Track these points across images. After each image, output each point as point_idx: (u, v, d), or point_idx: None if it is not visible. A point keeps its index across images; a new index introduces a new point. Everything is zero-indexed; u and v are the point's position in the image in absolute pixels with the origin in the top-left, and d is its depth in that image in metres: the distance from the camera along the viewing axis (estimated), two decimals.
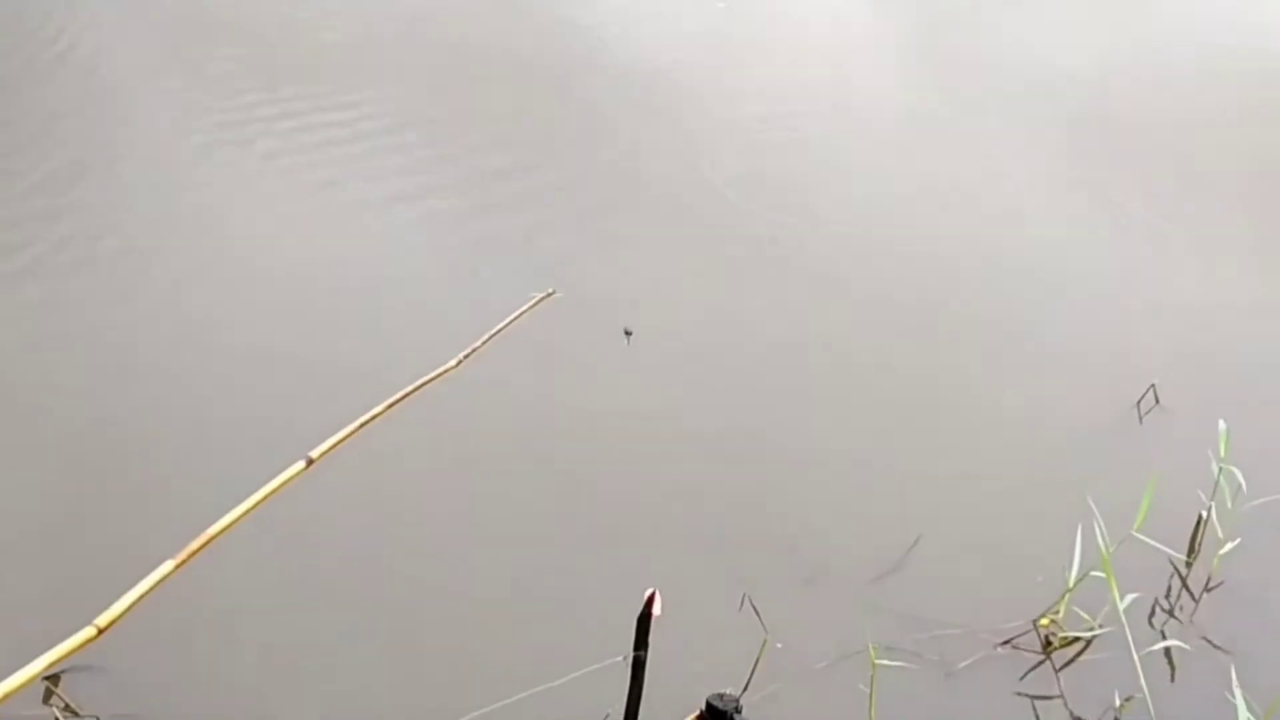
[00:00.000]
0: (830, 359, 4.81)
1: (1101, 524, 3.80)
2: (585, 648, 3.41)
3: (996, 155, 6.09)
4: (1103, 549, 3.76)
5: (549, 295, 3.79)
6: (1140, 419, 4.64)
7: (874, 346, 4.89)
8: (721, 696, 3.34)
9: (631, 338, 4.45)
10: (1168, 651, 3.84)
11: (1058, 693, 3.77)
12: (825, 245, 5.41)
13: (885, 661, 3.54)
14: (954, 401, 4.70)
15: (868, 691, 3.51)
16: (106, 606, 2.37)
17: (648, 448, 4.36)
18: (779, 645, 3.55)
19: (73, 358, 4.51)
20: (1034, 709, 3.74)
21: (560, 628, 3.75)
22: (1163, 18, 7.25)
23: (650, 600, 3.17)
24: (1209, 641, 3.93)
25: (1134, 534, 3.84)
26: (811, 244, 5.40)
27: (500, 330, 3.68)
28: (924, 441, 4.50)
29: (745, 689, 3.50)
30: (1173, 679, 3.81)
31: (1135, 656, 3.65)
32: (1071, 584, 3.83)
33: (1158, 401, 4.67)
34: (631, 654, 3.22)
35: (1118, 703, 3.70)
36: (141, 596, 2.32)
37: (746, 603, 3.73)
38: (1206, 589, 4.09)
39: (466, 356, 3.52)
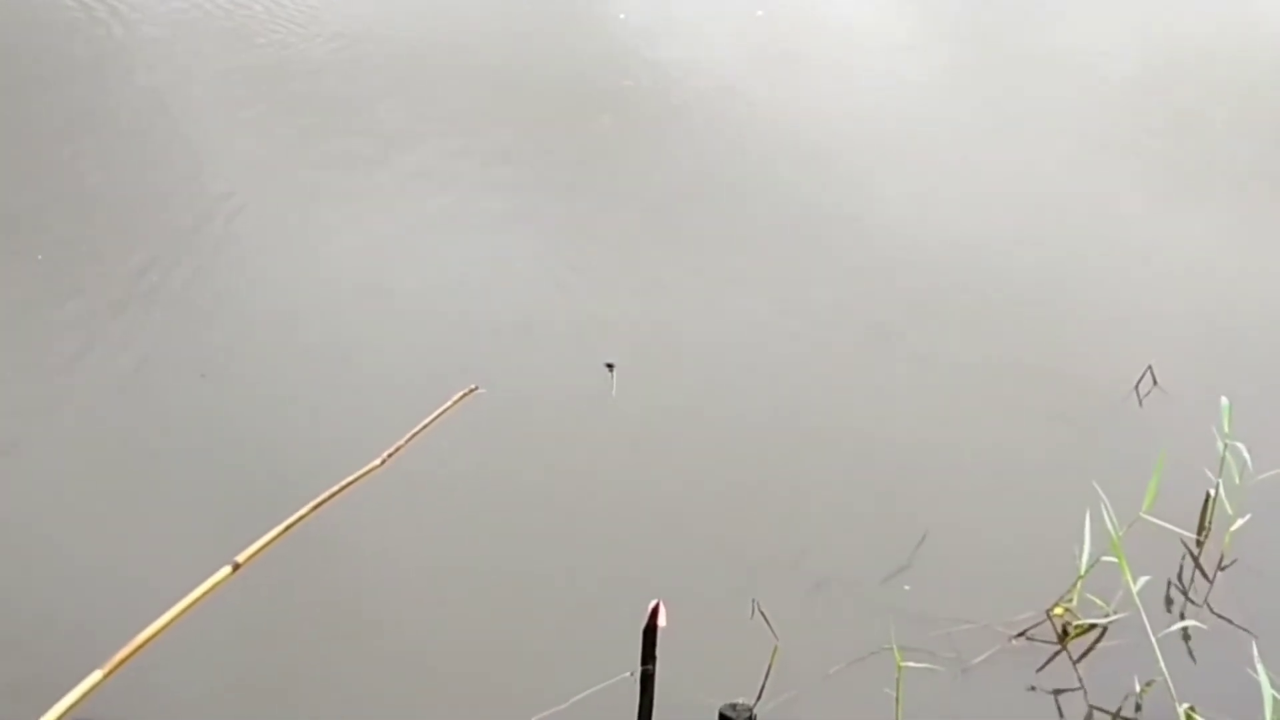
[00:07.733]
0: (823, 362, 4.74)
1: (1110, 508, 3.74)
2: (592, 666, 3.35)
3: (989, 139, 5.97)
4: (1112, 533, 3.70)
5: (471, 391, 3.95)
6: (1140, 402, 4.59)
7: (866, 346, 4.82)
8: (734, 706, 3.28)
9: (614, 370, 4.46)
10: (1185, 633, 3.78)
11: (1076, 681, 3.71)
12: (819, 228, 5.30)
13: (904, 663, 3.47)
14: (952, 391, 4.63)
15: (883, 694, 3.45)
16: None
17: (646, 460, 4.29)
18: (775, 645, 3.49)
19: None
20: (1055, 701, 3.68)
21: (565, 646, 3.67)
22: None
23: (655, 612, 3.11)
24: (1228, 620, 3.87)
25: (1143, 516, 3.78)
26: (799, 227, 5.29)
27: (422, 429, 3.81)
28: (924, 436, 4.44)
29: (759, 698, 3.44)
30: (1193, 660, 3.74)
31: (1153, 639, 3.59)
32: (1083, 570, 3.77)
33: (1155, 383, 4.61)
34: (639, 669, 3.17)
35: (1138, 688, 3.64)
36: (71, 707, 2.24)
37: (756, 611, 3.66)
38: (1220, 568, 4.03)
39: (391, 455, 3.65)
